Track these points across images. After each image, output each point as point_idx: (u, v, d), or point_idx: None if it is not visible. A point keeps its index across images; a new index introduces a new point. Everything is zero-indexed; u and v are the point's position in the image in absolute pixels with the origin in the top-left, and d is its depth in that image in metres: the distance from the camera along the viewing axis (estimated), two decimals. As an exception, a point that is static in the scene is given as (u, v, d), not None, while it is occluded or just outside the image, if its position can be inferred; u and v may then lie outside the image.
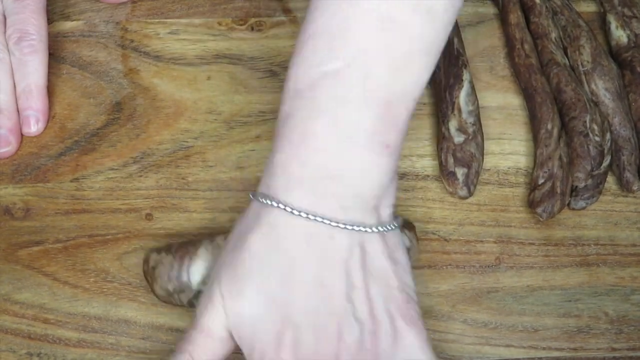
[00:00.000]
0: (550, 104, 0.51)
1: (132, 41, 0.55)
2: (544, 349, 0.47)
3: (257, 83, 0.54)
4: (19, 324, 0.46)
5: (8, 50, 0.50)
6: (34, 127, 0.50)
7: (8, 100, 0.50)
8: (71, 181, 0.50)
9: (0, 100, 0.49)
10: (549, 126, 0.50)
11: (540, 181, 0.49)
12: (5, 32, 0.50)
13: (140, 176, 0.50)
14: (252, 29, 0.56)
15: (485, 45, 0.56)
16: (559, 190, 0.49)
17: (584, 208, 0.50)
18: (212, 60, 0.55)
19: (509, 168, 0.52)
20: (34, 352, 0.45)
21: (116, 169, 0.50)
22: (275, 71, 0.54)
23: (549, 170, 0.49)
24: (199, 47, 0.55)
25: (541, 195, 0.49)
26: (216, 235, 0.45)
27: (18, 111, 0.50)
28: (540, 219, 0.49)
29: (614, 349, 0.47)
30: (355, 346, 0.38)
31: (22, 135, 0.50)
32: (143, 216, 0.49)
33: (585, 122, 0.50)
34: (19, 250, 0.48)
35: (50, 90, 0.52)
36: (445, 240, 0.49)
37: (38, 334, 0.46)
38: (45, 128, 0.51)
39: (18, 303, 0.46)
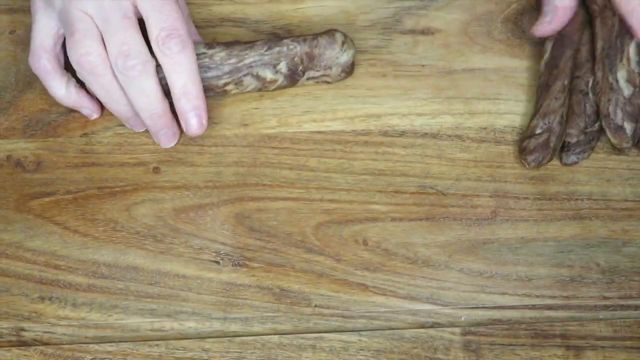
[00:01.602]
0: (573, 62, 0.52)
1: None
2: (537, 296, 0.48)
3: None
4: (31, 269, 0.47)
5: (151, 52, 0.47)
6: (197, 126, 0.49)
7: (164, 106, 0.48)
8: (81, 136, 0.51)
9: (156, 108, 0.48)
10: (565, 82, 0.51)
11: (538, 130, 0.51)
12: (147, 33, 0.47)
13: (147, 132, 0.52)
14: (256, -7, 0.57)
15: (483, 10, 0.57)
16: (552, 145, 0.50)
17: (575, 163, 0.51)
18: (217, 23, 0.56)
19: (505, 127, 0.53)
20: (46, 296, 0.47)
21: (124, 126, 0.52)
22: (279, 34, 0.56)
23: (549, 123, 0.51)
24: (205, 10, 0.57)
25: (535, 145, 0.50)
26: None
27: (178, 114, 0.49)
28: (527, 166, 0.51)
29: (605, 298, 0.48)
30: None
31: (181, 131, 0.50)
32: (150, 169, 0.51)
33: (588, 82, 0.52)
34: (30, 200, 0.49)
35: (61, 50, 0.54)
36: (443, 194, 0.51)
37: (49, 279, 0.47)
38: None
39: (30, 250, 0.48)
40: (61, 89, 0.49)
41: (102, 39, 0.46)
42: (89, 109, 0.51)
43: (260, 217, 0.49)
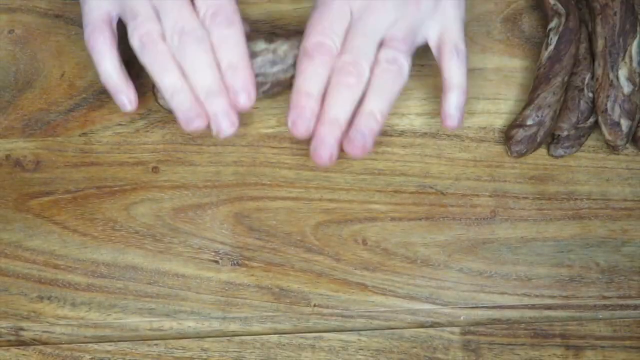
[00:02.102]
0: (575, 59, 0.52)
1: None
2: (536, 296, 0.48)
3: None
4: (30, 269, 0.47)
5: (204, 28, 0.47)
6: (246, 102, 0.47)
7: (217, 80, 0.47)
8: (80, 135, 0.51)
9: (209, 82, 0.46)
10: (565, 78, 0.51)
11: (529, 122, 0.51)
12: (197, 12, 0.47)
13: (147, 131, 0.52)
14: (256, -7, 0.57)
15: (482, 10, 0.57)
16: (539, 139, 0.51)
17: (562, 156, 0.52)
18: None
19: (504, 126, 0.53)
20: (45, 296, 0.47)
21: (123, 125, 0.52)
22: (278, 34, 0.56)
23: (542, 116, 0.51)
24: (204, 10, 0.57)
25: (523, 136, 0.50)
26: None
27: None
28: (509, 154, 0.51)
29: (604, 297, 0.48)
30: None
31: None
32: (149, 169, 0.50)
33: (584, 78, 0.52)
34: (29, 200, 0.49)
35: (60, 50, 0.54)
36: (442, 193, 0.51)
37: (48, 278, 0.47)
38: (59, 85, 0.51)
39: (29, 250, 0.48)
40: (112, 66, 0.48)
41: (160, 21, 0.47)
42: (126, 97, 0.49)
43: (260, 217, 0.49)
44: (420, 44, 0.49)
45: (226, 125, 0.46)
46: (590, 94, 0.52)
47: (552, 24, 0.54)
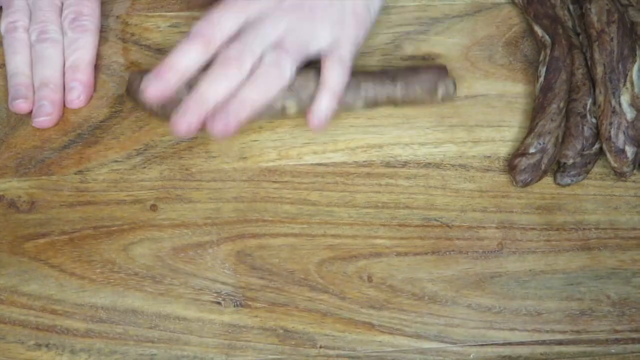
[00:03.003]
0: (568, 84, 0.51)
1: (132, 34, 0.55)
2: (547, 331, 0.47)
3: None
4: (27, 315, 0.46)
5: (62, 32, 0.53)
6: (77, 98, 0.51)
7: (56, 76, 0.51)
8: (75, 173, 0.50)
9: (47, 74, 0.51)
10: (561, 104, 0.51)
11: (532, 150, 0.50)
12: (61, 15, 0.53)
13: (144, 168, 0.50)
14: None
15: (484, 34, 0.56)
16: (543, 167, 0.50)
17: (568, 185, 0.51)
18: (213, 52, 0.55)
19: (509, 154, 0.52)
20: (43, 343, 0.45)
21: (120, 161, 0.50)
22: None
23: (544, 143, 0.50)
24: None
25: (526, 165, 0.50)
26: None
27: (64, 87, 0.52)
28: (514, 184, 0.50)
29: (616, 331, 0.47)
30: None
31: (63, 109, 0.52)
32: (148, 207, 0.49)
33: (586, 104, 0.51)
34: (25, 242, 0.48)
35: (53, 84, 0.52)
36: (448, 226, 0.50)
37: (46, 324, 0.46)
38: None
39: (25, 295, 0.46)
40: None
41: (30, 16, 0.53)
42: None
43: (262, 255, 0.48)
44: (312, 54, 0.50)
45: (41, 113, 0.50)
46: (594, 120, 0.51)
47: (541, 57, 0.53)
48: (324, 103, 0.49)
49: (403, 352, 0.46)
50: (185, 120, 0.47)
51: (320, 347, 0.46)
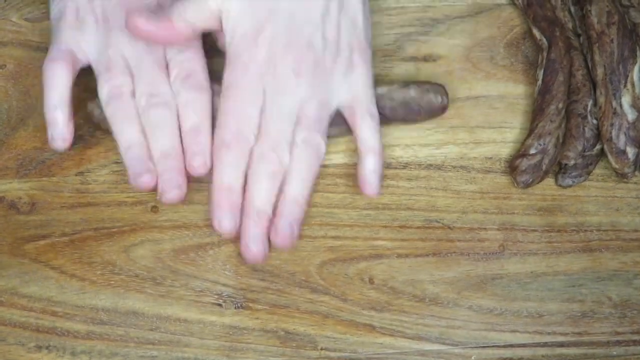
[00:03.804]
0: (566, 85, 0.51)
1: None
2: (548, 333, 0.47)
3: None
4: (27, 317, 0.46)
5: (173, 92, 0.48)
6: (203, 165, 0.46)
7: (176, 143, 0.47)
8: (76, 175, 0.50)
9: (168, 143, 0.46)
10: (560, 105, 0.50)
11: (532, 151, 0.50)
12: (169, 76, 0.48)
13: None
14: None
15: (485, 35, 0.56)
16: (544, 168, 0.49)
17: (570, 186, 0.51)
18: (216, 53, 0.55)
19: (510, 156, 0.52)
20: (43, 345, 0.45)
21: (121, 162, 0.50)
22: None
23: (544, 144, 0.50)
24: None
25: (527, 166, 0.49)
26: None
27: (184, 152, 0.47)
28: (515, 185, 0.50)
29: (617, 333, 0.47)
30: (315, 59, 0.47)
31: (190, 176, 0.47)
32: (149, 209, 0.49)
33: (587, 105, 0.51)
34: (25, 244, 0.48)
35: (53, 85, 0.52)
36: (449, 228, 0.50)
37: (46, 326, 0.46)
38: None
39: (26, 297, 0.46)
40: (59, 98, 0.47)
41: (133, 79, 0.48)
42: (61, 132, 0.47)
43: (263, 256, 0.48)
44: (332, 113, 0.49)
45: (171, 186, 0.46)
46: (595, 121, 0.51)
47: (539, 60, 0.53)
48: (372, 166, 0.48)
49: (404, 354, 0.46)
50: (259, 246, 0.45)
51: (322, 349, 0.46)
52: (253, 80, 0.47)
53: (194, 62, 0.48)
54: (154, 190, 0.46)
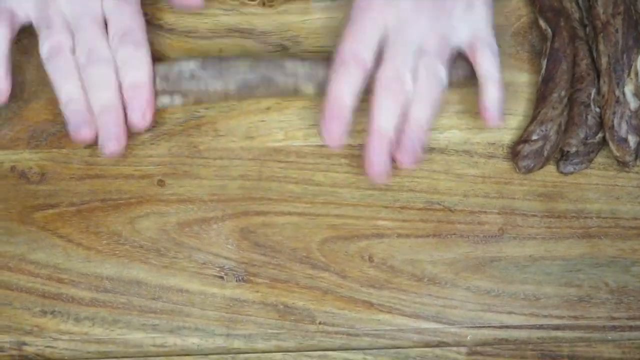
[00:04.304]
0: (570, 74, 0.52)
1: (145, 14, 0.56)
2: (545, 316, 0.48)
3: (268, 57, 0.55)
4: (34, 282, 0.47)
5: (111, 49, 0.49)
6: (142, 119, 0.48)
7: (116, 97, 0.48)
8: (85, 147, 0.51)
9: (107, 97, 0.48)
10: (562, 93, 0.51)
11: (534, 137, 0.50)
12: (107, 33, 0.50)
13: (153, 144, 0.51)
14: (264, 4, 0.57)
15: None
16: (545, 154, 0.50)
17: (571, 173, 0.51)
18: (224, 34, 0.56)
19: (513, 142, 0.53)
20: (48, 310, 0.46)
21: (129, 137, 0.51)
22: (286, 45, 0.55)
23: (546, 130, 0.50)
24: (211, 20, 0.56)
25: (529, 151, 0.50)
26: None
27: (124, 107, 0.49)
28: (517, 171, 0.51)
29: (613, 318, 0.48)
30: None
31: (129, 131, 0.49)
32: (155, 182, 0.50)
33: (590, 94, 0.51)
34: (34, 212, 0.49)
35: (66, 60, 0.53)
36: (450, 210, 0.50)
37: (52, 292, 0.47)
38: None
39: (33, 263, 0.48)
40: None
41: (72, 36, 0.49)
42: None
43: (266, 232, 0.49)
44: (453, 48, 0.50)
45: (110, 138, 0.47)
46: (598, 109, 0.52)
47: (543, 49, 0.54)
48: (493, 95, 0.50)
49: (401, 331, 0.47)
50: (382, 163, 0.47)
51: (320, 323, 0.47)
52: (374, 11, 0.49)
53: (132, 19, 0.50)
54: (94, 143, 0.48)
